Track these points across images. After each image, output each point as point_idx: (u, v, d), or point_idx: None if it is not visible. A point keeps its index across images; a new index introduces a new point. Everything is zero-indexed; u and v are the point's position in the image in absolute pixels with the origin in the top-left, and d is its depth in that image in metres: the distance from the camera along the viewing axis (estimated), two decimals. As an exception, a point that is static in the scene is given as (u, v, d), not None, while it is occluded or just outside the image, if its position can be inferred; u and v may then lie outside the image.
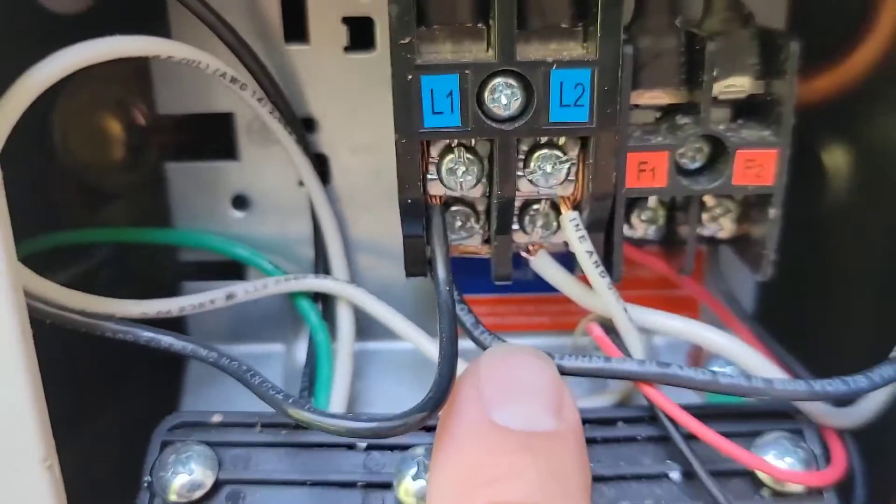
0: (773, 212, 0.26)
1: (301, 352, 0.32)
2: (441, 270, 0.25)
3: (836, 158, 0.32)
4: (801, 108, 0.27)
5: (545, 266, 0.28)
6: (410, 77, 0.23)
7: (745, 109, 0.26)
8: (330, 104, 0.29)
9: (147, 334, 0.25)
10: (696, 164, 0.26)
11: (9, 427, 0.21)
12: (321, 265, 0.30)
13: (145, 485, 0.25)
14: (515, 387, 0.20)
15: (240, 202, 0.31)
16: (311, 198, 0.29)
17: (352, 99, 0.29)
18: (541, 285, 0.32)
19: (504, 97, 0.24)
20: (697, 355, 0.31)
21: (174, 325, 0.33)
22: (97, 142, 0.32)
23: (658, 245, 0.29)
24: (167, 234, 0.30)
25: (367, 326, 0.31)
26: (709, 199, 0.27)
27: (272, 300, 0.31)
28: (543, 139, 0.25)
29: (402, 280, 0.31)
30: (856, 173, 0.31)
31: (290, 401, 0.23)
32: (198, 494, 0.25)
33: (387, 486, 0.25)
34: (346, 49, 0.28)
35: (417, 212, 0.25)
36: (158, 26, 0.27)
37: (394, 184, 0.30)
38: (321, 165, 0.30)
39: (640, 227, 0.28)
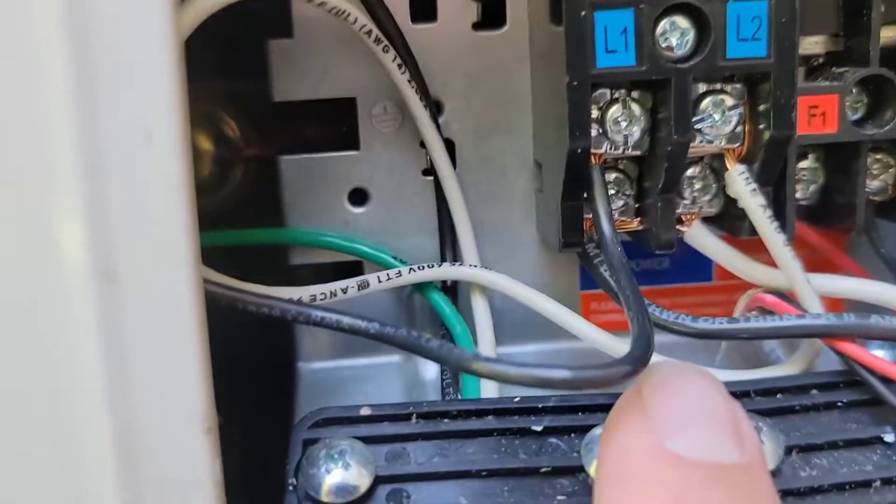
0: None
1: (418, 360, 0.29)
2: (606, 226, 0.23)
3: None
4: None
5: (702, 237, 0.26)
6: (584, 13, 0.22)
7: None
8: (455, 85, 0.28)
9: (319, 313, 0.22)
10: (857, 116, 0.25)
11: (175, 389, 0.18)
12: (448, 256, 0.28)
13: (290, 488, 0.22)
14: (689, 413, 0.17)
15: (358, 196, 0.29)
16: (441, 183, 0.27)
17: (479, 79, 0.28)
18: (676, 273, 0.30)
19: (677, 33, 0.23)
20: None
21: (285, 339, 0.30)
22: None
23: (810, 219, 0.27)
24: (279, 234, 0.28)
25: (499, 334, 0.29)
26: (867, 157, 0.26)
27: (384, 307, 0.29)
28: (710, 87, 0.24)
29: (533, 275, 0.29)
30: None
31: (471, 355, 0.21)
32: (355, 494, 0.22)
33: (575, 469, 0.22)
34: (475, 26, 0.27)
35: (583, 167, 0.24)
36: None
37: (517, 169, 0.28)
38: (449, 150, 0.28)
39: (799, 188, 0.26)
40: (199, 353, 0.18)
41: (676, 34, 0.23)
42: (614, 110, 0.24)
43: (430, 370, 0.30)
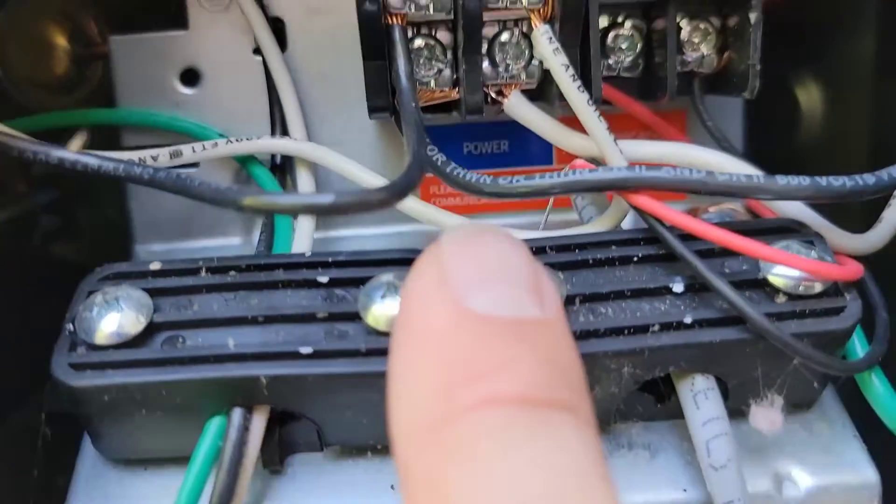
0: (755, 15, 0.24)
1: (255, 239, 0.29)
2: (405, 82, 0.23)
3: (811, 94, 0.31)
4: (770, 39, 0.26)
5: (521, 107, 0.26)
6: None
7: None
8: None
9: (66, 154, 0.22)
10: (670, -21, 0.25)
11: None
12: (278, 133, 0.28)
13: (67, 332, 0.22)
14: (489, 270, 0.17)
15: (189, 76, 0.28)
16: (267, 63, 0.27)
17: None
18: (516, 156, 0.30)
19: None
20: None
21: (119, 224, 0.30)
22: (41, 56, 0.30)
23: (637, 93, 0.27)
24: (105, 115, 0.28)
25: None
26: (686, 29, 0.26)
27: (226, 182, 0.29)
28: (508, -60, 0.23)
29: (368, 153, 0.29)
30: (827, 108, 0.30)
31: (237, 189, 0.20)
32: (129, 337, 0.21)
33: (353, 316, 0.22)
34: None
35: (378, 27, 0.24)
36: None
37: (351, 48, 0.28)
38: (277, 32, 0.28)
39: (618, 56, 0.26)
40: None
41: None
42: (409, -35, 0.23)
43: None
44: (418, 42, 0.25)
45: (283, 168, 0.28)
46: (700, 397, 0.22)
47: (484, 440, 0.14)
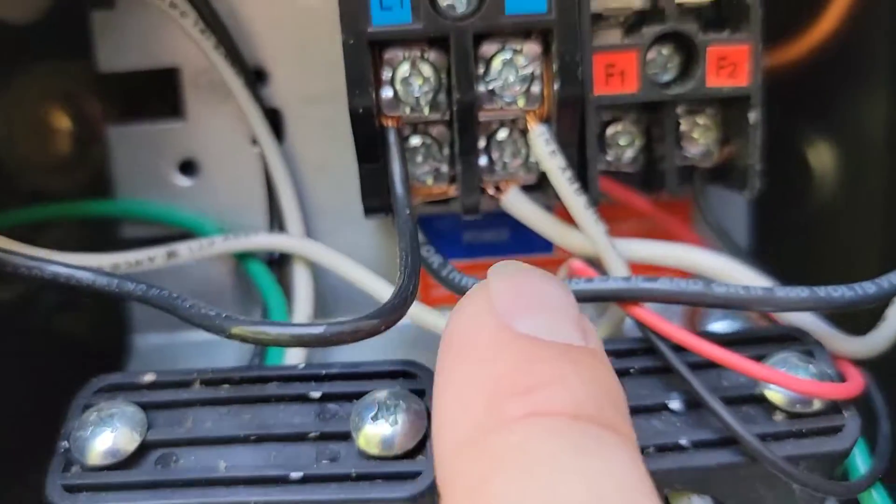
0: (753, 116, 0.24)
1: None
2: (399, 188, 0.23)
3: (822, 157, 0.31)
4: (780, 102, 0.26)
5: (518, 204, 0.25)
6: (355, -31, 0.22)
7: (713, 21, 0.25)
8: (281, 53, 0.27)
9: (64, 271, 0.22)
10: (669, 76, 0.25)
11: None
12: (276, 227, 0.28)
13: (61, 450, 0.22)
14: (534, 300, 0.17)
15: (187, 167, 0.28)
16: (263, 156, 0.27)
17: (305, 45, 0.27)
18: (518, 244, 0.30)
19: (456, -10, 0.22)
20: (693, 315, 0.29)
21: (116, 310, 0.30)
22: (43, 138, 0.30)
23: (639, 185, 0.27)
24: (103, 206, 0.28)
25: (326, 304, 0.28)
26: (686, 122, 0.25)
27: (222, 273, 0.29)
28: (503, 45, 0.23)
29: (365, 245, 0.29)
30: (840, 169, 0.29)
31: (225, 316, 0.20)
32: (122, 457, 0.21)
33: (345, 436, 0.22)
34: (296, -7, 0.27)
35: (371, 129, 0.23)
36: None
37: (347, 138, 0.28)
38: (274, 122, 0.28)
39: (613, 152, 0.25)
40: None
41: (458, -12, 0.22)
42: (403, 70, 0.23)
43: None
44: (414, 140, 0.25)
45: (280, 262, 0.27)
46: (697, 517, 0.21)
47: (531, 448, 0.14)
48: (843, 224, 0.30)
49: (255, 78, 0.27)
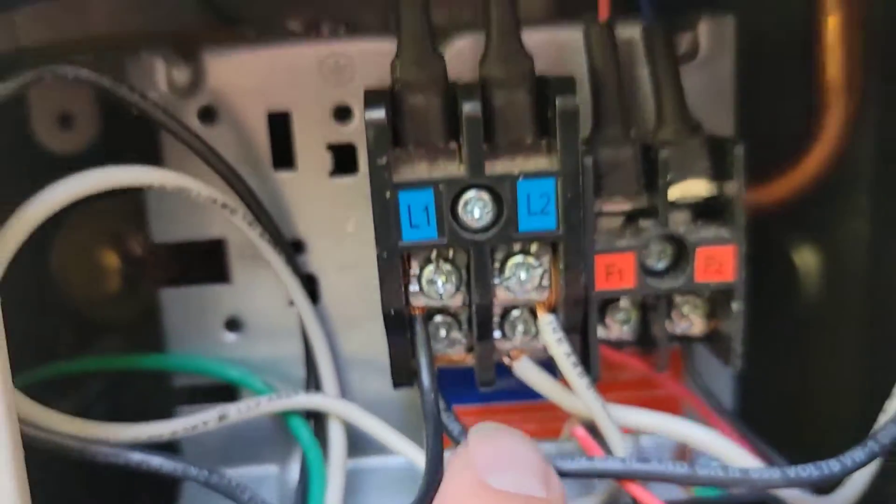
0: (736, 306, 0.27)
1: (295, 472, 0.32)
2: (425, 379, 0.26)
3: (806, 258, 0.34)
4: (768, 212, 0.29)
5: (527, 372, 0.29)
6: (388, 194, 0.25)
7: (705, 211, 0.28)
8: (317, 226, 0.31)
9: (137, 456, 0.26)
10: (662, 265, 0.28)
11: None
12: (312, 383, 0.31)
13: None
14: (506, 457, 0.22)
15: (233, 324, 0.32)
16: (301, 317, 0.31)
17: (338, 220, 0.31)
18: (527, 393, 0.33)
19: (476, 209, 0.25)
20: (683, 453, 0.32)
21: (168, 449, 0.33)
22: (94, 274, 0.33)
23: (635, 346, 0.30)
24: (158, 360, 0.31)
25: (360, 443, 0.32)
26: (677, 298, 0.29)
27: (265, 420, 0.32)
28: (516, 247, 0.26)
29: (393, 394, 0.32)
30: (824, 272, 0.32)
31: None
32: None
33: None
34: (331, 173, 0.30)
35: (401, 323, 0.27)
36: (152, 158, 0.29)
37: (377, 300, 0.31)
38: (311, 285, 0.31)
39: (615, 327, 0.29)
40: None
41: (478, 206, 0.25)
42: (429, 270, 0.26)
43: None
44: (437, 318, 0.28)
45: (318, 416, 0.31)
46: None
47: None
48: (826, 318, 0.32)
49: (294, 249, 0.31)
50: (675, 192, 0.27)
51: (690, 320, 0.29)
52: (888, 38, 0.27)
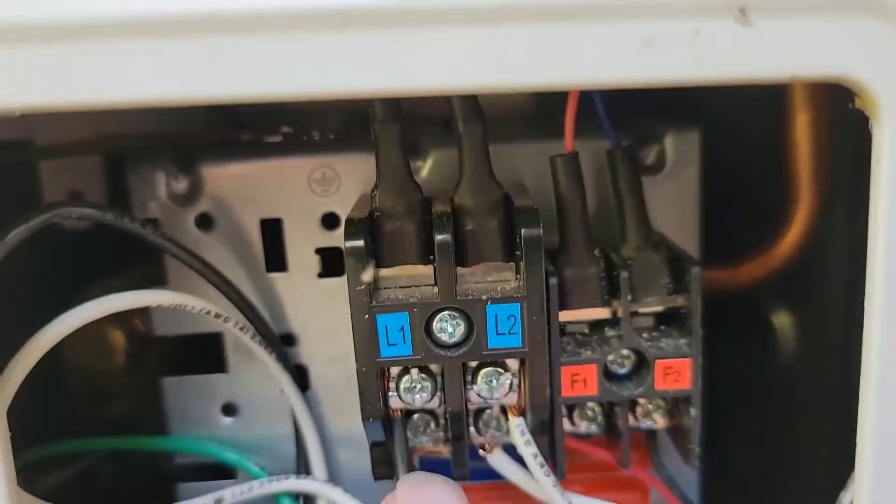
0: (694, 412, 0.29)
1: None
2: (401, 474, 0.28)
3: (783, 321, 0.35)
4: (748, 282, 0.30)
5: (501, 463, 0.31)
6: (367, 316, 0.27)
7: (666, 317, 0.30)
8: (307, 322, 0.33)
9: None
10: (624, 370, 0.30)
11: None
12: (302, 465, 0.33)
13: None
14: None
15: (229, 409, 0.34)
16: (291, 404, 0.33)
17: (326, 317, 0.33)
18: (503, 473, 0.35)
19: (449, 326, 0.27)
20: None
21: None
22: (101, 364, 0.36)
23: (602, 436, 0.32)
24: (163, 441, 0.34)
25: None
26: (640, 403, 0.31)
27: (259, 500, 0.34)
28: (487, 364, 0.28)
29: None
30: (800, 334, 0.34)
31: None
32: None
33: None
34: (320, 275, 0.33)
35: (380, 425, 0.29)
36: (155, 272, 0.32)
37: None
38: (301, 375, 0.33)
39: (582, 424, 0.31)
40: None
41: (451, 325, 0.28)
42: (405, 380, 0.28)
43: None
44: (415, 417, 0.30)
45: (308, 499, 0.33)
46: None
47: None
48: (802, 376, 0.34)
49: (285, 342, 0.33)
50: (637, 305, 0.29)
51: (653, 418, 0.31)
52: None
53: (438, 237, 0.26)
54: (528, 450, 0.29)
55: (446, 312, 0.27)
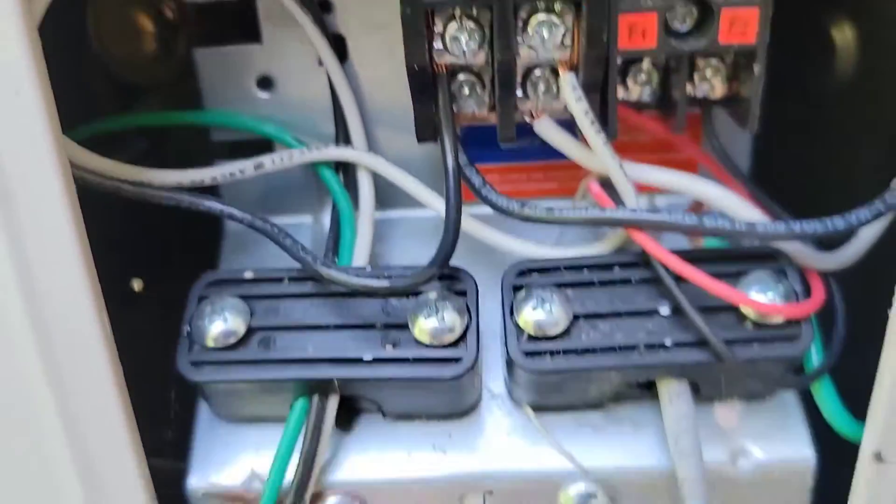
0: (758, 68, 0.27)
1: (327, 222, 0.34)
2: (447, 134, 0.27)
3: (845, 34, 0.33)
4: None
5: (548, 129, 0.30)
6: (409, -57, 0.25)
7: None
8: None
9: (189, 198, 0.28)
10: (686, 27, 0.28)
11: (61, 284, 0.22)
12: (341, 138, 0.32)
13: (185, 334, 0.28)
14: None
15: (265, 83, 0.33)
16: (329, 75, 0.32)
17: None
18: (549, 153, 0.34)
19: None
20: (697, 211, 0.33)
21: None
22: (130, 35, 0.34)
23: (654, 109, 0.31)
24: (199, 115, 0.33)
25: (386, 197, 0.34)
26: (699, 61, 0.29)
27: (298, 174, 0.34)
28: (540, 5, 0.26)
29: (418, 150, 0.33)
30: (862, 48, 0.32)
31: (318, 260, 0.26)
32: (232, 340, 0.28)
33: (403, 326, 0.28)
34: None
35: (425, 79, 0.27)
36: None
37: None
38: (339, 44, 0.32)
39: (636, 89, 0.29)
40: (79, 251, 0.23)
41: (503, -41, 0.25)
42: (452, 27, 0.27)
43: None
44: (461, 76, 0.29)
45: (346, 168, 0.33)
46: (674, 397, 0.28)
47: None
48: (858, 96, 0.32)
49: (321, 9, 0.31)
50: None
51: (711, 83, 0.29)
52: None
53: None
54: (579, 106, 0.28)
55: (497, -56, 0.25)
